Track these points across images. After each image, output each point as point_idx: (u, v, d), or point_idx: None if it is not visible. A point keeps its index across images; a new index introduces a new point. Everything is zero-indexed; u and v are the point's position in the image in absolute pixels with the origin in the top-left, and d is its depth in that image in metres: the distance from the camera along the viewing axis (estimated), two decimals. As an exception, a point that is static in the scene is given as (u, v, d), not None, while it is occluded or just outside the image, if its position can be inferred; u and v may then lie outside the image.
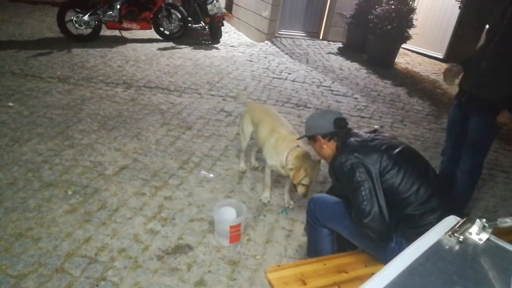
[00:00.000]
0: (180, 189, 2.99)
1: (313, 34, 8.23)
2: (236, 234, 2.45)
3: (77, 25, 6.06)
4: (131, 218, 2.60)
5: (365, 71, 6.68)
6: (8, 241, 2.28)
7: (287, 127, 2.84)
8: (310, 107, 4.90)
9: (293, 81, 5.81)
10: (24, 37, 6.22)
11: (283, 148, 2.62)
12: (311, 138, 2.18)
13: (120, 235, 2.44)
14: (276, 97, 5.10)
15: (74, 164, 3.12)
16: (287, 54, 7.10)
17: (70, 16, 6.02)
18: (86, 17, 6.05)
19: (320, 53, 7.39)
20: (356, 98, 5.41)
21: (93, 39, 6.37)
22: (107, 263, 2.23)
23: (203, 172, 3.25)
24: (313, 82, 5.85)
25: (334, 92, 5.54)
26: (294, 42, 7.75)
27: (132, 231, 2.49)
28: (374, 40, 6.86)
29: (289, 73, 6.12)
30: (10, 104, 3.95)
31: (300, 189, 2.53)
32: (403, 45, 7.29)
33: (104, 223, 2.53)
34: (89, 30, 6.27)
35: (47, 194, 2.73)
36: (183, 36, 7.20)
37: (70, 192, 2.76)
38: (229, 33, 8.49)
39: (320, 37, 8.24)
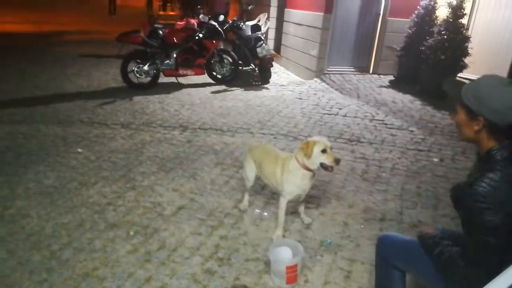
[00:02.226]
0: (235, 228, 3.01)
1: (362, 68, 8.22)
2: (293, 275, 2.40)
3: (138, 75, 6.56)
4: (189, 258, 2.65)
5: (420, 102, 6.49)
6: (76, 281, 2.41)
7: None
8: (363, 142, 4.81)
9: (344, 116, 5.77)
10: (91, 88, 6.82)
11: (289, 159, 2.81)
12: (465, 109, 1.55)
13: (179, 275, 2.48)
14: (327, 133, 5.07)
15: (135, 205, 3.27)
16: (336, 89, 7.11)
17: (132, 66, 6.55)
18: (146, 67, 6.54)
19: (371, 87, 7.32)
20: (412, 131, 5.23)
21: (152, 87, 6.83)
22: (167, 303, 2.26)
23: (257, 210, 3.26)
24: (365, 116, 5.77)
25: (388, 126, 5.41)
26: (343, 77, 7.77)
27: (190, 271, 2.52)
28: (428, 71, 6.69)
29: (340, 108, 6.09)
30: (79, 150, 4.28)
31: (326, 159, 2.61)
32: (460, 74, 7.03)
33: (164, 263, 2.59)
34: (148, 79, 6.75)
35: (111, 234, 2.87)
36: (235, 79, 7.50)
37: (132, 233, 2.89)
38: (278, 73, 8.72)
39: (370, 71, 8.19)
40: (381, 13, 7.80)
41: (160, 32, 6.77)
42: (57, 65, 8.31)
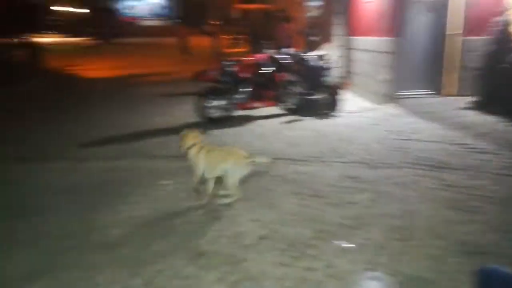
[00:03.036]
0: (317, 260, 2.98)
1: (435, 91, 7.88)
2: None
3: (213, 110, 6.93)
4: (275, 289, 2.66)
5: (504, 124, 6.02)
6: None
7: None
8: (445, 168, 4.55)
9: (422, 141, 5.54)
10: (169, 125, 7.24)
11: None
12: None
13: (267, 306, 2.51)
14: (404, 159, 4.88)
15: (218, 234, 3.38)
16: (409, 114, 6.88)
17: (208, 102, 6.92)
18: (220, 102, 6.91)
19: (447, 110, 6.99)
20: (502, 155, 4.85)
21: (227, 120, 7.12)
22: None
23: (341, 242, 3.19)
24: (446, 140, 5.48)
25: (474, 150, 5.06)
26: (416, 101, 7.51)
27: (277, 303, 2.54)
28: (513, 90, 6.24)
29: (416, 133, 5.86)
30: (164, 182, 4.54)
31: None
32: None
33: (251, 294, 2.63)
34: (223, 113, 7.06)
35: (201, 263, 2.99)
36: (304, 109, 7.58)
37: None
38: (348, 100, 8.62)
39: (445, 93, 7.82)
40: (451, 32, 7.52)
41: (231, 68, 7.14)
42: (139, 104, 9.00)
